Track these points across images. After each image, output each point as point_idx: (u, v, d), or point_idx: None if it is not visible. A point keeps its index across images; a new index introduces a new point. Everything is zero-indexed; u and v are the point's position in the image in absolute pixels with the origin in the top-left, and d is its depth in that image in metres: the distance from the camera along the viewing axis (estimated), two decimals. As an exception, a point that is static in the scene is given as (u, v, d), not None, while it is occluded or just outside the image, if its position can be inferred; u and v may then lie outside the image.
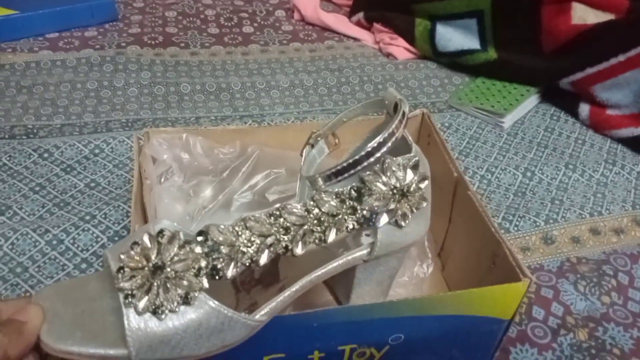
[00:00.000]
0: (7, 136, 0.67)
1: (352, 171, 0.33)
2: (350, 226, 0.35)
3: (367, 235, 0.38)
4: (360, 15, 0.97)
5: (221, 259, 0.32)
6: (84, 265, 0.52)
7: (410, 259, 0.54)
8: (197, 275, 0.31)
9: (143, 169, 0.48)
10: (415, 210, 0.37)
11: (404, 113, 0.35)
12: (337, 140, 0.43)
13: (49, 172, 0.62)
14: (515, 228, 0.60)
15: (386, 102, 0.39)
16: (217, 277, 0.32)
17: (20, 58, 0.81)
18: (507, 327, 0.44)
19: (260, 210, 0.36)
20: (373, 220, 0.35)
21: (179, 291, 0.31)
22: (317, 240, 0.34)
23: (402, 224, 0.36)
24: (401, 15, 0.91)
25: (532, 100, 0.81)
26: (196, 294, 0.31)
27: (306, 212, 0.33)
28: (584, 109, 0.78)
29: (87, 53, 0.83)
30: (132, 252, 0.31)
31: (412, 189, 0.36)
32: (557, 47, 0.78)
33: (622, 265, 0.57)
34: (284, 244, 0.33)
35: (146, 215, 0.46)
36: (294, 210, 0.33)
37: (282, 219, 0.33)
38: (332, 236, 0.34)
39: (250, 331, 0.34)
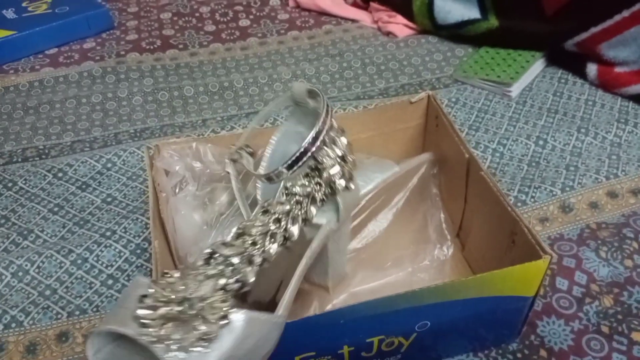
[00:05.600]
0: (20, 159, 0.68)
1: (309, 154, 0.37)
2: (320, 198, 0.38)
3: (323, 211, 0.40)
4: (355, -4, 0.95)
5: (236, 270, 0.33)
6: (110, 282, 0.53)
7: (429, 243, 0.55)
8: (224, 294, 0.32)
9: (157, 183, 0.48)
10: (354, 170, 0.41)
11: (323, 98, 0.39)
12: (251, 149, 0.47)
13: (66, 191, 0.63)
14: (532, 199, 0.60)
15: (296, 96, 0.42)
16: (241, 289, 0.33)
17: (23, 78, 0.81)
18: (532, 302, 0.44)
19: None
20: (334, 187, 0.39)
21: (215, 315, 0.30)
22: (303, 220, 0.37)
23: (351, 185, 0.40)
24: (397, -8, 0.89)
25: (538, 65, 0.80)
26: (230, 312, 0.31)
27: (287, 200, 0.37)
28: (592, 69, 0.77)
29: (88, 66, 0.83)
30: (152, 305, 0.30)
31: (347, 152, 0.40)
32: (559, 8, 0.76)
33: (643, 226, 0.57)
34: (280, 235, 0.36)
35: (165, 229, 0.47)
36: (279, 201, 0.37)
37: (271, 212, 0.36)
38: (313, 211, 0.38)
39: (280, 329, 0.35)
